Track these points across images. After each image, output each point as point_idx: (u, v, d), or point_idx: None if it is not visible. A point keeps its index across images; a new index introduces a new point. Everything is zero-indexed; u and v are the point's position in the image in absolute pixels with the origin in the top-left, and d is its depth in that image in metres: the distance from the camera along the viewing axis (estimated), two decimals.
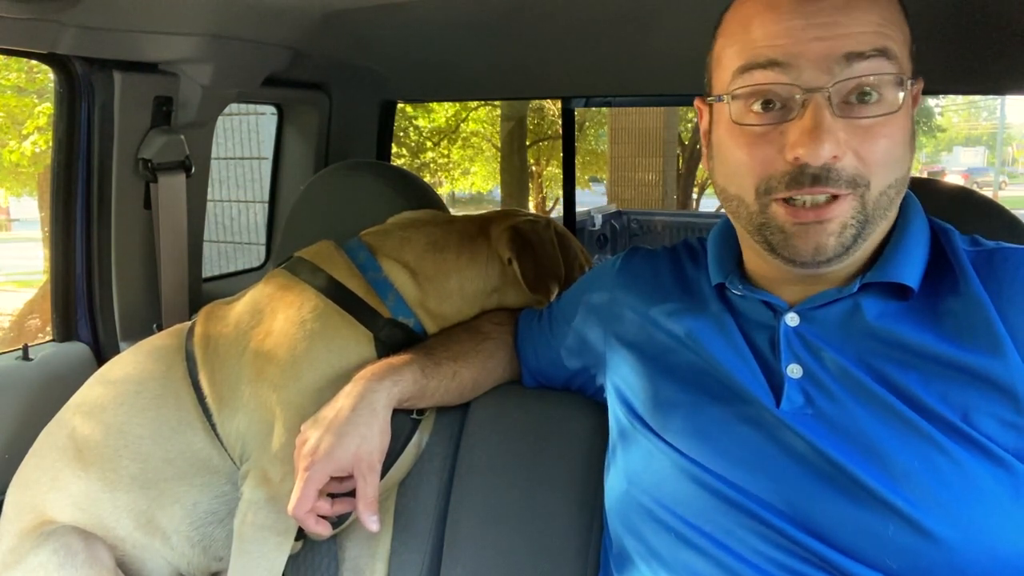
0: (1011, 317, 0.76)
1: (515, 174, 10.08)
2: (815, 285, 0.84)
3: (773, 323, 0.86)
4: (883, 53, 0.74)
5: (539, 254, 1.23)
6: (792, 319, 0.84)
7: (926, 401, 0.75)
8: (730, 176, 0.82)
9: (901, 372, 0.78)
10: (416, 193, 1.42)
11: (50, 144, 1.41)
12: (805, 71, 0.74)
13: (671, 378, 0.90)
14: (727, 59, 0.80)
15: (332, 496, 1.01)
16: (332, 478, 0.99)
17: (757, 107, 0.77)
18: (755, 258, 0.88)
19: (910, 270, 0.81)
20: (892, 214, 0.81)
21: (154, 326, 1.48)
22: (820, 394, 0.80)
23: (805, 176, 0.74)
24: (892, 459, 0.74)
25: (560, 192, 8.22)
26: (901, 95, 0.75)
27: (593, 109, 11.08)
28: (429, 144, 11.79)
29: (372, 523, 0.98)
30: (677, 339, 0.92)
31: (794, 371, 0.81)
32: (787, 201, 0.77)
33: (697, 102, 0.88)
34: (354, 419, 0.99)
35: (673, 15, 1.33)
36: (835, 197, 0.75)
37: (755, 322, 0.87)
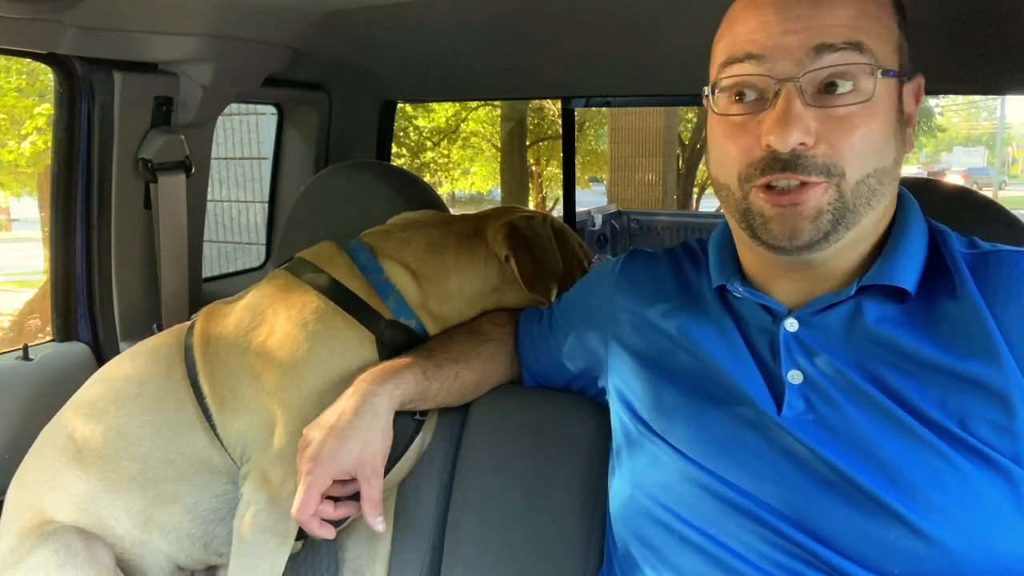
0: (1005, 321, 0.76)
1: (515, 174, 10.09)
2: (811, 285, 0.84)
3: (773, 328, 0.86)
4: (854, 46, 0.76)
5: (536, 251, 1.22)
6: (791, 324, 0.84)
7: (924, 408, 0.76)
8: (718, 165, 0.84)
9: (899, 378, 0.78)
10: (416, 193, 1.42)
11: (49, 144, 1.41)
12: (778, 62, 0.77)
13: (672, 381, 0.90)
14: (716, 55, 0.84)
15: (335, 499, 1.02)
16: (335, 481, 0.99)
17: (737, 98, 0.80)
18: (748, 253, 0.89)
19: (907, 273, 0.81)
20: (880, 206, 0.81)
21: (154, 326, 1.48)
22: (821, 400, 0.80)
23: (777, 163, 0.77)
24: (893, 465, 0.75)
25: (560, 192, 8.22)
26: (875, 85, 0.76)
27: (593, 109, 11.08)
28: (429, 144, 11.78)
29: (379, 524, 0.99)
30: (677, 342, 0.92)
31: (794, 377, 0.82)
32: (766, 187, 0.79)
33: (705, 99, 0.89)
34: (356, 423, 0.99)
35: (673, 15, 1.33)
36: (807, 184, 0.76)
37: (755, 326, 0.88)
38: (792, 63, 0.76)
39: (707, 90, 0.84)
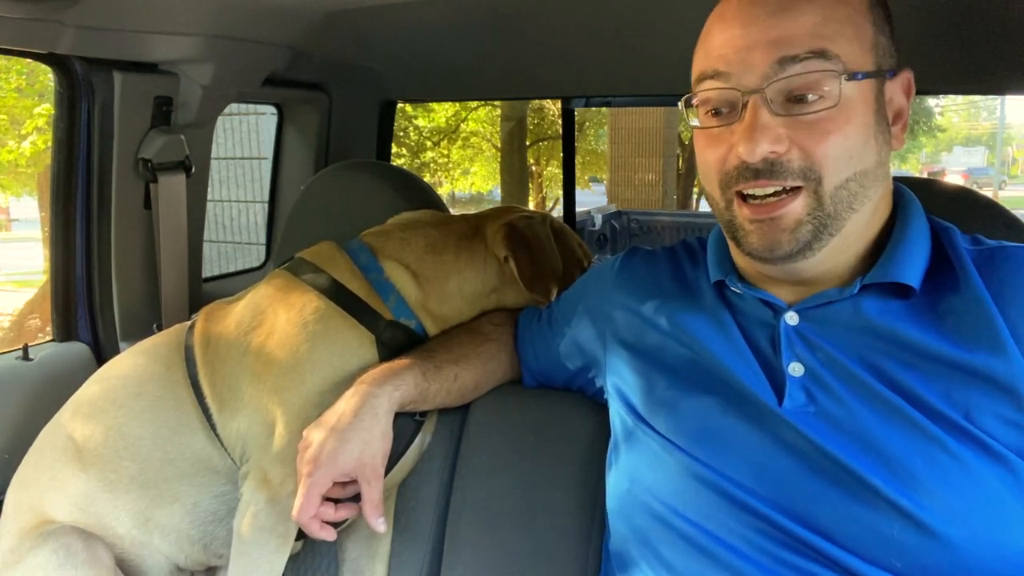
0: (1012, 316, 0.76)
1: (515, 174, 10.08)
2: (806, 287, 0.85)
3: (773, 321, 0.86)
4: (818, 54, 0.76)
5: (535, 251, 1.22)
6: (792, 318, 0.84)
7: (928, 400, 0.76)
8: (703, 176, 0.86)
9: (903, 370, 0.78)
10: (416, 193, 1.42)
11: (49, 144, 1.41)
12: (744, 76, 0.78)
13: (671, 376, 0.90)
14: (693, 68, 0.86)
15: (335, 500, 1.02)
16: (335, 483, 0.99)
17: (712, 113, 0.82)
18: (739, 257, 0.90)
19: (911, 269, 0.81)
20: (865, 208, 0.81)
21: (154, 326, 1.48)
22: (822, 392, 0.80)
23: (749, 171, 0.78)
24: (896, 458, 0.75)
25: (560, 192, 8.22)
26: (840, 90, 0.76)
27: (593, 109, 11.08)
28: (429, 144, 11.78)
29: (380, 525, 0.99)
30: (675, 338, 0.92)
31: (795, 369, 0.82)
32: (744, 198, 0.80)
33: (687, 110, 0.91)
34: (356, 424, 0.99)
35: (672, 16, 1.33)
36: (787, 191, 0.78)
37: (755, 320, 0.88)
38: (757, 76, 0.77)
39: (682, 104, 0.86)
